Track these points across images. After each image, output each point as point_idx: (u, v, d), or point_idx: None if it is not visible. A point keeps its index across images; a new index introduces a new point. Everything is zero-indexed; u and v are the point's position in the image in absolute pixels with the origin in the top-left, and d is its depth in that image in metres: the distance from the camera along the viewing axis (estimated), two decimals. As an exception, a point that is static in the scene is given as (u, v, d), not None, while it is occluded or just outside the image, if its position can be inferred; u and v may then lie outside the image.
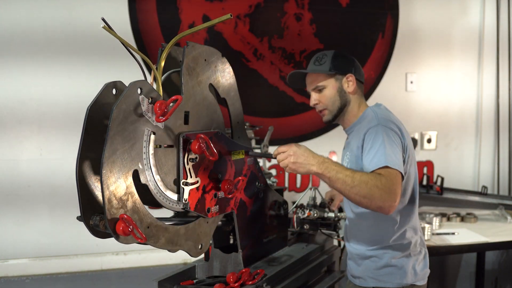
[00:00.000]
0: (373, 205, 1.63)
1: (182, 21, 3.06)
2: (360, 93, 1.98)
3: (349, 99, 1.94)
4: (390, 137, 1.75)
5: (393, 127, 1.80)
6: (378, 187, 1.60)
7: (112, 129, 1.19)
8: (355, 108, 1.96)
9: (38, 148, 2.85)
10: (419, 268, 1.93)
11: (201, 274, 1.72)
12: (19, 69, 2.80)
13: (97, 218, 1.24)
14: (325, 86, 1.93)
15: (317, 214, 2.02)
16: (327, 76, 1.93)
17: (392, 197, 1.62)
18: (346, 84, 1.93)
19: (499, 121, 3.80)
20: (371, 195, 1.60)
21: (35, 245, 2.86)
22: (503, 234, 2.85)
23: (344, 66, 1.93)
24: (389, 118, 1.85)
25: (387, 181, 1.62)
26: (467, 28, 3.73)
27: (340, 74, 1.93)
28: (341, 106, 1.94)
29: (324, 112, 1.96)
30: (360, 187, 1.60)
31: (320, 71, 1.93)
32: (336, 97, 1.93)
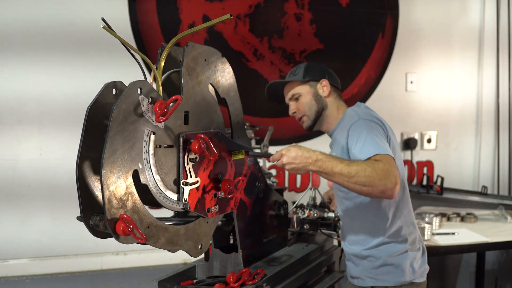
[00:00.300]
0: (375, 191, 1.60)
1: (182, 21, 3.06)
2: (336, 96, 2.02)
3: (326, 103, 1.99)
4: (373, 128, 1.78)
5: (374, 119, 1.84)
6: (376, 172, 1.58)
7: (112, 129, 1.19)
8: (334, 110, 2.00)
9: (38, 148, 2.85)
10: (417, 265, 1.93)
11: (201, 274, 1.72)
12: (19, 69, 2.80)
13: (97, 218, 1.24)
14: (301, 93, 1.99)
15: (317, 214, 2.02)
16: (302, 84, 1.99)
17: (392, 179, 1.60)
18: (320, 89, 1.99)
19: (499, 121, 3.80)
20: (370, 182, 1.58)
21: (35, 245, 2.86)
22: (503, 234, 2.85)
23: (317, 73, 2.00)
24: (369, 113, 1.89)
25: (384, 165, 1.61)
26: (467, 28, 3.73)
27: (313, 80, 1.99)
28: (318, 110, 1.98)
29: (303, 119, 2.01)
30: (358, 176, 1.59)
31: (294, 79, 2.00)
32: (312, 102, 1.98)
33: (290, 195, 3.31)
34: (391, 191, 1.61)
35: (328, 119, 2.00)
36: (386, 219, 1.87)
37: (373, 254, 1.90)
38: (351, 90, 3.43)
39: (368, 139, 1.72)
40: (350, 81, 3.43)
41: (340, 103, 2.02)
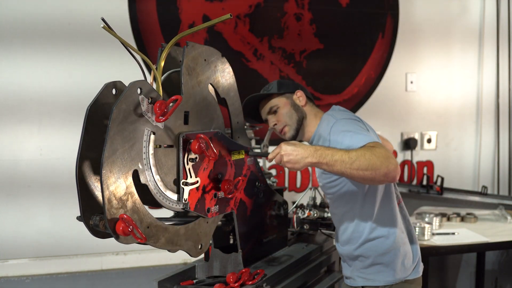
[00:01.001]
0: (378, 174, 1.57)
1: (182, 21, 3.06)
2: (312, 105, 2.03)
3: (304, 111, 1.99)
4: (354, 123, 1.79)
5: (352, 117, 1.85)
6: (376, 156, 1.57)
7: (112, 129, 1.19)
8: (312, 118, 1.99)
9: (38, 148, 2.85)
10: (409, 262, 1.91)
11: (201, 274, 1.72)
12: (19, 69, 2.80)
13: (97, 218, 1.24)
14: (278, 105, 1.98)
15: (317, 214, 2.02)
16: (278, 96, 1.99)
17: (392, 161, 1.59)
18: (297, 99, 1.99)
19: (499, 121, 3.80)
20: (373, 165, 1.56)
21: (35, 245, 2.86)
22: (503, 234, 2.85)
23: (290, 86, 2.01)
24: (345, 114, 1.90)
25: (380, 150, 1.61)
26: (467, 27, 3.73)
27: (288, 92, 2.00)
28: (299, 119, 1.97)
29: (284, 129, 1.97)
30: (359, 161, 1.56)
31: (271, 92, 2.00)
32: (292, 111, 1.97)
33: (290, 195, 3.31)
34: (394, 172, 1.59)
35: (307, 128, 2.00)
36: (370, 216, 1.87)
37: (363, 254, 1.89)
38: (351, 90, 3.44)
39: (354, 133, 1.73)
40: (350, 81, 3.43)
41: (316, 110, 2.03)
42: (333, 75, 3.41)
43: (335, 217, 1.96)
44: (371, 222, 1.87)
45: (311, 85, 3.34)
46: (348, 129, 1.75)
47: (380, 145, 1.65)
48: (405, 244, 1.92)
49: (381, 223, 1.88)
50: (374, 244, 1.88)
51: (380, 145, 1.65)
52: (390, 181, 1.62)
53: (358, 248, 1.89)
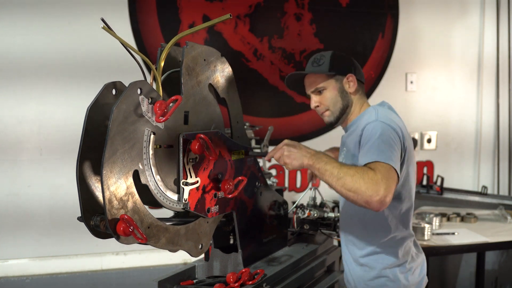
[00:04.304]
0: (360, 199, 1.53)
1: (182, 21, 3.06)
2: (361, 93, 1.92)
3: (351, 100, 1.88)
4: (387, 133, 1.68)
5: (392, 124, 1.73)
6: (364, 180, 1.51)
7: (112, 130, 1.19)
8: (357, 109, 1.90)
9: (38, 148, 2.85)
10: (414, 277, 1.85)
11: (201, 274, 1.72)
12: (19, 69, 2.80)
13: (97, 219, 1.24)
14: (325, 87, 1.86)
15: (317, 214, 2.02)
16: (327, 77, 1.86)
17: (380, 191, 1.51)
18: (347, 84, 1.87)
19: (499, 121, 3.80)
20: (356, 188, 1.52)
21: (35, 245, 2.86)
22: (503, 234, 2.85)
23: (344, 66, 1.87)
24: (389, 116, 1.78)
25: (374, 175, 1.53)
26: (467, 28, 3.73)
27: (339, 74, 1.86)
28: (343, 107, 1.87)
29: (325, 113, 1.90)
30: (345, 179, 1.54)
31: (319, 72, 1.86)
32: (338, 98, 1.86)
33: (290, 195, 3.32)
34: (377, 203, 1.52)
35: (349, 116, 1.90)
36: (387, 226, 1.80)
37: (368, 264, 1.83)
38: (351, 90, 3.44)
39: (376, 144, 1.65)
40: (350, 81, 3.43)
41: (363, 100, 1.92)
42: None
43: (346, 213, 1.90)
44: (388, 231, 1.80)
45: (311, 85, 3.34)
46: (375, 137, 1.67)
47: (384, 169, 1.56)
48: (414, 257, 1.86)
49: (397, 234, 1.81)
50: (384, 257, 1.81)
51: (384, 168, 1.56)
52: (371, 209, 1.55)
53: (366, 257, 1.83)
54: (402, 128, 1.78)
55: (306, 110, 3.34)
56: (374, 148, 1.64)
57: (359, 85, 1.90)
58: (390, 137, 1.67)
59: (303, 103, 3.33)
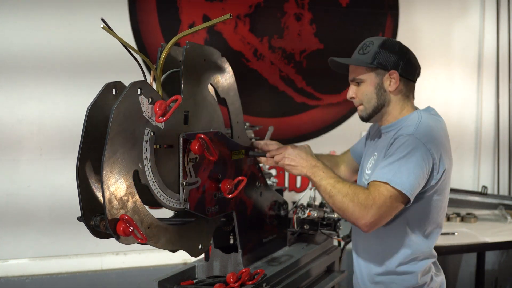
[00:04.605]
0: (348, 219, 1.55)
1: (182, 21, 3.06)
2: (405, 94, 1.73)
3: (389, 99, 1.71)
4: (417, 154, 1.55)
5: (428, 143, 1.59)
6: (354, 202, 1.51)
7: (112, 130, 1.19)
8: (396, 110, 1.73)
9: (38, 148, 2.85)
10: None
11: (201, 274, 1.72)
12: (19, 69, 2.80)
13: (97, 219, 1.24)
14: (364, 80, 1.70)
15: (317, 214, 2.02)
16: (367, 70, 1.69)
17: (368, 216, 1.50)
18: (387, 81, 1.69)
19: (499, 121, 3.80)
20: (344, 209, 1.53)
21: (35, 245, 2.86)
22: (503, 234, 2.85)
23: (390, 60, 1.67)
24: (430, 132, 1.63)
25: (366, 198, 1.51)
26: (467, 28, 3.73)
27: (382, 68, 1.68)
28: (377, 106, 1.72)
29: (359, 107, 1.76)
30: (336, 198, 1.55)
31: (360, 63, 1.69)
32: (373, 94, 1.70)
33: (290, 195, 3.31)
34: (363, 226, 1.53)
35: (386, 116, 1.74)
36: (409, 245, 1.69)
37: (384, 282, 1.73)
38: (351, 90, 3.43)
39: (397, 163, 1.55)
40: (350, 81, 3.43)
41: (406, 102, 1.74)
42: (333, 75, 3.37)
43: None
44: (405, 250, 1.69)
45: (311, 85, 3.34)
46: (400, 154, 1.57)
47: (380, 193, 1.52)
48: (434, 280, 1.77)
49: (418, 256, 1.70)
50: (402, 278, 1.71)
51: (382, 192, 1.52)
52: (359, 228, 1.55)
53: (382, 276, 1.74)
54: (442, 147, 1.65)
55: (306, 110, 3.34)
56: (393, 167, 1.55)
57: (404, 84, 1.72)
58: (419, 158, 1.55)
59: (303, 103, 3.33)
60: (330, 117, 3.40)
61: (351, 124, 3.43)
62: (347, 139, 3.42)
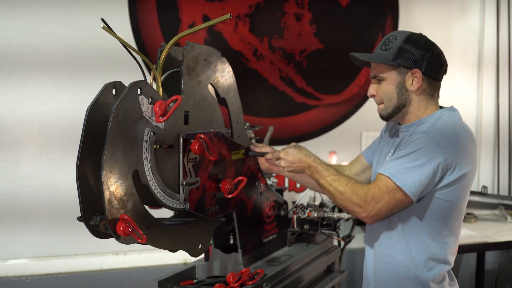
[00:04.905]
0: (350, 214, 1.66)
1: (182, 21, 3.06)
2: (429, 93, 1.65)
3: (410, 99, 1.63)
4: (426, 153, 1.51)
5: (441, 143, 1.52)
6: (352, 199, 1.57)
7: (112, 130, 1.19)
8: (419, 110, 1.66)
9: (38, 148, 2.85)
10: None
11: (201, 274, 1.72)
12: (19, 69, 2.80)
13: (97, 219, 1.24)
14: (385, 78, 1.63)
15: (317, 214, 2.02)
16: (389, 67, 1.62)
17: (368, 209, 1.54)
18: (410, 80, 1.61)
19: (499, 122, 3.80)
20: (345, 206, 1.62)
21: (35, 245, 2.86)
22: (503, 234, 2.85)
23: (413, 57, 1.59)
24: (446, 131, 1.56)
25: (365, 194, 1.54)
26: (467, 28, 3.73)
27: (405, 67, 1.60)
28: (398, 106, 1.64)
29: (380, 106, 1.69)
30: (336, 196, 1.63)
31: (381, 60, 1.61)
32: (394, 94, 1.63)
33: (290, 195, 3.31)
34: (365, 219, 1.60)
35: (408, 115, 1.67)
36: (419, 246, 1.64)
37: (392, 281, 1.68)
38: (351, 90, 3.43)
39: (404, 159, 1.53)
40: (350, 81, 3.43)
41: (430, 102, 1.65)
42: (333, 75, 3.40)
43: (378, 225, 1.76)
44: (420, 255, 1.63)
45: (311, 85, 3.34)
46: (408, 149, 1.54)
47: (380, 187, 1.53)
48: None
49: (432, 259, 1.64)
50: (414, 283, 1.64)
51: (382, 187, 1.53)
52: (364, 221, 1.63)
53: (393, 280, 1.68)
54: (460, 148, 1.57)
55: (306, 110, 3.34)
56: (399, 162, 1.54)
57: (427, 83, 1.64)
58: (427, 157, 1.51)
59: (303, 103, 3.33)
60: (330, 117, 3.40)
61: (351, 124, 3.43)
62: (347, 139, 3.44)
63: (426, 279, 1.64)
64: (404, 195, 1.54)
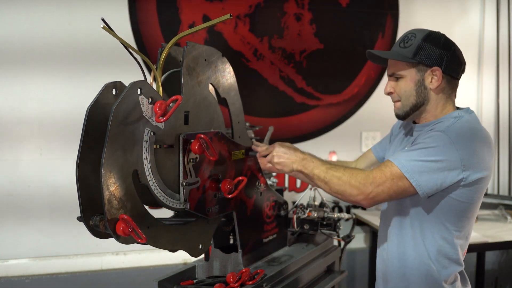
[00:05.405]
0: (347, 199, 1.55)
1: (182, 21, 3.06)
2: (447, 92, 1.63)
3: (429, 97, 1.62)
4: (439, 150, 1.49)
5: (457, 144, 1.50)
6: (350, 182, 1.51)
7: (112, 130, 1.19)
8: (437, 109, 1.64)
9: (38, 148, 2.85)
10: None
11: (201, 274, 1.72)
12: (19, 69, 2.80)
13: (97, 219, 1.24)
14: (403, 76, 1.61)
15: (317, 214, 2.02)
16: (408, 65, 1.60)
17: (366, 191, 1.50)
18: (429, 78, 1.60)
19: (499, 121, 3.80)
20: (342, 191, 1.53)
21: (35, 245, 2.86)
22: (503, 234, 2.85)
23: (433, 55, 1.58)
24: (464, 132, 1.55)
25: (365, 177, 1.51)
26: (467, 28, 3.73)
27: (424, 64, 1.59)
28: (416, 104, 1.62)
29: (397, 104, 1.67)
30: (332, 182, 1.54)
31: (400, 57, 1.60)
32: (412, 91, 1.61)
33: (290, 195, 3.31)
34: (362, 201, 1.53)
35: (425, 114, 1.65)
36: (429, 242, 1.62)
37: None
38: (351, 90, 3.43)
39: (416, 152, 1.51)
40: (350, 81, 3.43)
41: (448, 101, 1.64)
42: (333, 75, 3.40)
43: (383, 215, 1.78)
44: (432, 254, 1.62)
45: (311, 85, 3.34)
46: (423, 144, 1.53)
47: (382, 175, 1.51)
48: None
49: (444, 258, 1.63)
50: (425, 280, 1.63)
51: (385, 171, 1.51)
52: (360, 205, 1.57)
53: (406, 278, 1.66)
54: (477, 151, 1.54)
55: (306, 110, 3.34)
56: (412, 154, 1.51)
57: (447, 82, 1.62)
58: (440, 154, 1.50)
59: (303, 103, 3.33)
60: (330, 117, 3.40)
61: (351, 124, 3.43)
62: (347, 139, 3.44)
63: (438, 278, 1.62)
64: (408, 185, 1.50)
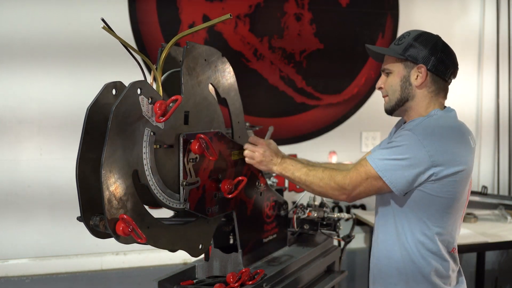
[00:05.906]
0: (330, 198, 1.70)
1: (182, 21, 3.06)
2: (433, 91, 1.67)
3: (413, 94, 1.66)
4: (409, 150, 1.54)
5: (424, 141, 1.54)
6: (330, 185, 1.62)
7: (112, 130, 1.19)
8: (421, 106, 1.67)
9: (38, 148, 2.85)
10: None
11: (201, 274, 1.72)
12: (19, 69, 2.80)
13: (97, 219, 1.24)
14: (392, 71, 1.68)
15: (317, 214, 2.02)
16: (397, 60, 1.66)
17: (346, 191, 1.60)
18: (415, 75, 1.64)
19: (499, 121, 3.80)
20: (324, 193, 1.66)
21: (35, 245, 2.86)
22: (503, 234, 2.85)
23: (421, 53, 1.63)
24: (433, 130, 1.59)
25: (343, 178, 1.60)
26: (467, 28, 3.73)
27: (411, 61, 1.64)
28: (400, 99, 1.67)
29: (385, 99, 1.73)
30: (313, 185, 1.65)
31: (390, 52, 1.67)
32: (397, 86, 1.66)
33: (290, 195, 3.31)
34: (345, 201, 1.67)
35: (410, 112, 1.69)
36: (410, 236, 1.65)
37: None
38: (351, 90, 3.43)
39: (387, 151, 1.58)
40: (350, 81, 3.43)
41: (433, 101, 1.68)
42: (333, 75, 3.40)
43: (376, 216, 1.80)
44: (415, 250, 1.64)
45: (311, 85, 3.34)
46: (394, 144, 1.58)
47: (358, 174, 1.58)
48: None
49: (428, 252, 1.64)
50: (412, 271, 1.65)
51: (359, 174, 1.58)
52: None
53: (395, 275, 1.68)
54: (449, 147, 1.59)
55: (306, 110, 3.34)
56: (385, 152, 1.59)
57: (432, 81, 1.67)
58: (409, 154, 1.54)
59: (303, 103, 3.32)
60: (330, 117, 3.40)
61: (351, 124, 3.42)
62: (347, 139, 3.44)
63: (425, 274, 1.64)
64: (382, 183, 1.57)
